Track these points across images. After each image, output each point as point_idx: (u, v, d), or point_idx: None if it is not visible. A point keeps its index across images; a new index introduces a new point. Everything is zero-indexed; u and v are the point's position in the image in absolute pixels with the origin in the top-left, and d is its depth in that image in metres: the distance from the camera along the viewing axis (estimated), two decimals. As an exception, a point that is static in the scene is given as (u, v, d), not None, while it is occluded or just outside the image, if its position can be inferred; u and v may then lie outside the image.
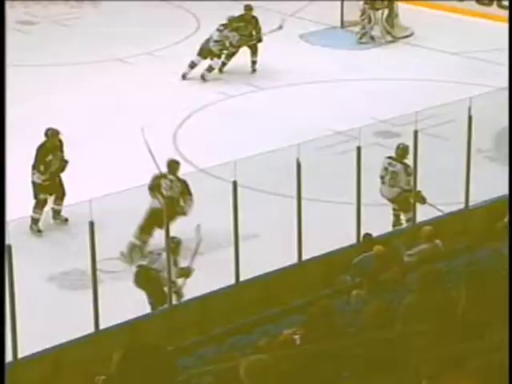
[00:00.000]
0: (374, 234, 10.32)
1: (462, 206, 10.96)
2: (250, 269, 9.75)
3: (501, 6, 18.61)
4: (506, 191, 11.04)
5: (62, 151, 11.67)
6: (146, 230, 11.04)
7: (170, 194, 11.22)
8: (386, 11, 17.89)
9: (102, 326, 8.92)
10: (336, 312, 7.59)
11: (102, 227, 9.02)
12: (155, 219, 10.74)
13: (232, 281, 9.63)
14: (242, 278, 9.64)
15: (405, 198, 11.02)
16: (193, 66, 15.98)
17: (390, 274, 9.05)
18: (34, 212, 11.36)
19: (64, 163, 11.57)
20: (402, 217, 11.32)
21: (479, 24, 18.15)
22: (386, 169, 11.23)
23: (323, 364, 5.34)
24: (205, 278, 9.95)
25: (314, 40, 17.91)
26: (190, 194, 11.28)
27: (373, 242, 9.77)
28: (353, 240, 10.27)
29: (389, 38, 17.83)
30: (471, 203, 10.96)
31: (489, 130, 13.01)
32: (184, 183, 11.28)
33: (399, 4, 18.25)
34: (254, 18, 16.39)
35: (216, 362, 6.38)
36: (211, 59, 15.94)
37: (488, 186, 11.26)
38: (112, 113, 14.68)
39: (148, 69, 16.47)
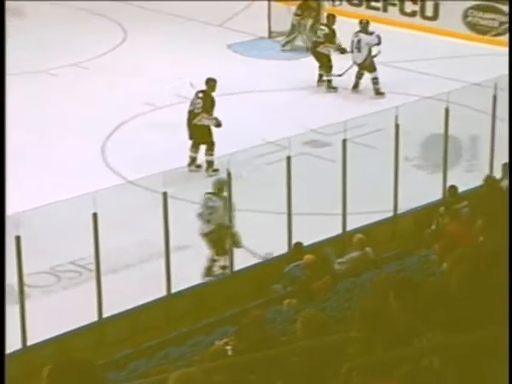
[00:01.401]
0: (305, 243, 10.38)
1: (391, 213, 11.09)
2: (181, 280, 9.69)
3: (424, 17, 18.95)
4: (432, 198, 11.24)
5: None
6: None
7: (192, 109, 13.22)
8: (311, 21, 18.06)
9: (29, 342, 8.76)
10: (268, 321, 7.59)
11: (28, 240, 8.85)
12: None
13: (163, 292, 9.55)
14: (173, 290, 9.57)
15: (220, 236, 10.15)
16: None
17: (321, 283, 9.09)
18: None
19: None
20: (220, 263, 10.33)
21: (404, 34, 18.43)
22: (204, 204, 10.33)
23: (256, 374, 5.33)
24: (136, 290, 9.85)
25: (242, 50, 17.97)
26: (211, 107, 13.10)
27: (303, 251, 9.81)
28: (284, 249, 10.30)
29: (316, 48, 17.95)
30: (400, 211, 11.09)
31: (415, 138, 13.19)
32: (210, 99, 13.16)
33: (325, 15, 18.42)
34: None
35: (148, 375, 6.31)
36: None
37: (415, 194, 11.42)
38: (39, 125, 14.46)
39: (74, 80, 16.28)
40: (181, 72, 16.66)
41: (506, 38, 17.49)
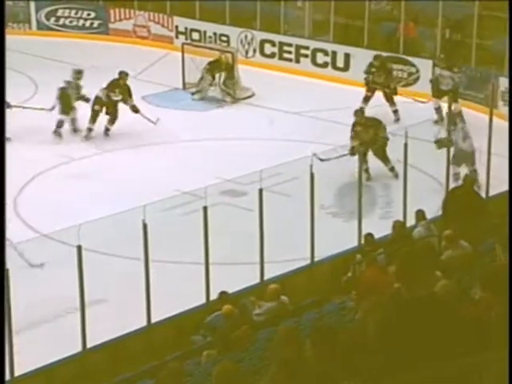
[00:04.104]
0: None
1: (307, 261, 11.15)
2: (97, 334, 9.52)
3: (336, 68, 19.35)
4: (349, 246, 11.36)
5: None
6: None
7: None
8: (224, 74, 18.25)
9: None
10: (187, 373, 7.50)
11: None
12: None
13: (79, 348, 9.37)
14: (89, 345, 9.40)
15: None
16: None
17: (241, 332, 9.04)
18: None
19: None
20: None
21: (316, 84, 18.74)
22: None
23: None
24: (51, 346, 9.64)
25: (156, 101, 17.98)
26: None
27: (226, 300, 9.75)
28: (202, 300, 10.24)
29: (229, 100, 18.14)
30: (316, 258, 11.16)
31: (330, 186, 13.36)
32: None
33: (239, 66, 18.64)
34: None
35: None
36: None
37: (332, 242, 11.52)
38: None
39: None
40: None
41: (413, 88, 18.02)
